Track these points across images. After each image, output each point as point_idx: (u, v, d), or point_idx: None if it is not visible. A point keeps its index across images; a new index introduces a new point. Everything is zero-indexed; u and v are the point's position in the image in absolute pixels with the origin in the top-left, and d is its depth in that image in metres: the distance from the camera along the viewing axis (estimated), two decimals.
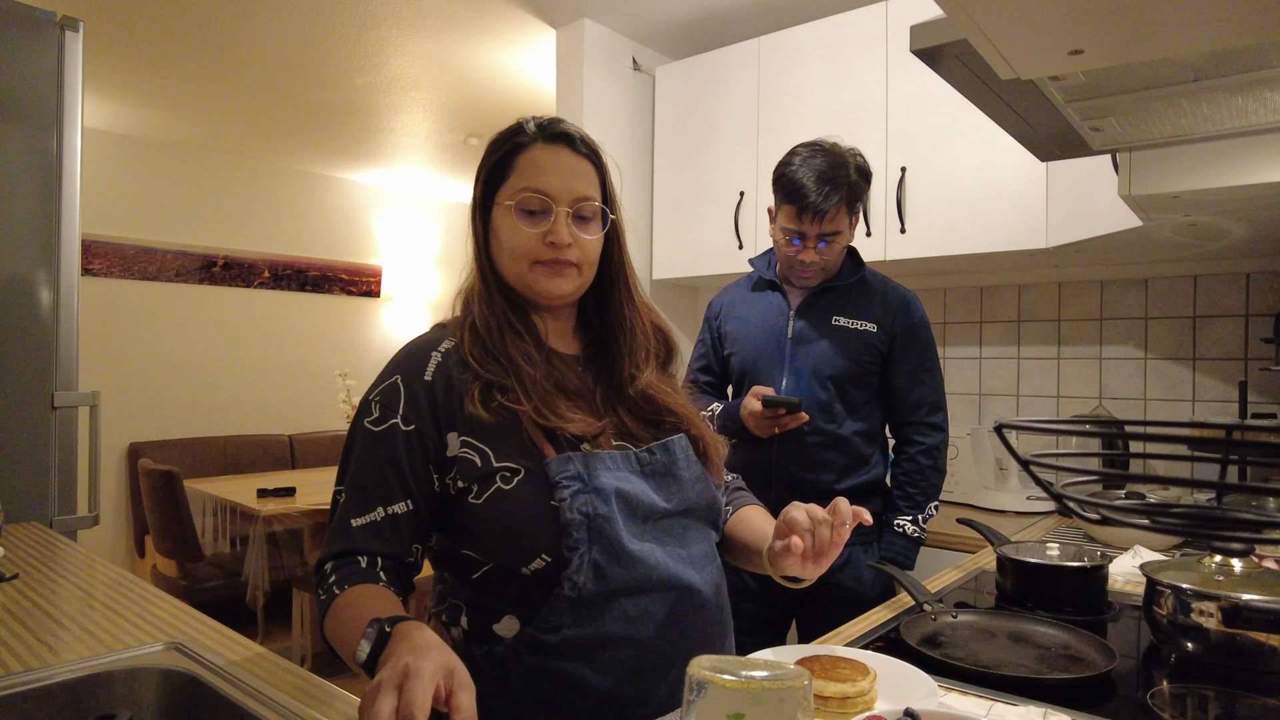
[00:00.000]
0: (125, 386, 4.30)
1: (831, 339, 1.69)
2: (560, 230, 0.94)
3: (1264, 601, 0.94)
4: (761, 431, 1.69)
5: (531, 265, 0.95)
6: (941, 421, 1.73)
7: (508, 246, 0.96)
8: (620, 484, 0.90)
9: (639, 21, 2.82)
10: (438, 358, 0.94)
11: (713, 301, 1.91)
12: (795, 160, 1.65)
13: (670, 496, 0.95)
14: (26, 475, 1.84)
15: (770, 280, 1.79)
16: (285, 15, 2.86)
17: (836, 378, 1.68)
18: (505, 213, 0.96)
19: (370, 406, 0.92)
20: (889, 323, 1.69)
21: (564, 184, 0.95)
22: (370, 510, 0.88)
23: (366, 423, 0.91)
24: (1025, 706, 0.86)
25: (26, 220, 1.86)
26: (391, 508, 0.89)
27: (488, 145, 1.01)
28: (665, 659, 0.89)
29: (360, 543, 0.87)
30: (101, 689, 0.94)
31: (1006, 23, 0.78)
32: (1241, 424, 1.78)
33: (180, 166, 4.53)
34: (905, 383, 1.70)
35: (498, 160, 0.98)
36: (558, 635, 0.86)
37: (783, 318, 1.75)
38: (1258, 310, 2.10)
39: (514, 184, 0.96)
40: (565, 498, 0.87)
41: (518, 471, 0.88)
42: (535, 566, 0.87)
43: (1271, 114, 1.09)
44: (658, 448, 0.97)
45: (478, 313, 0.97)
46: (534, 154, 0.96)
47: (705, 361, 1.89)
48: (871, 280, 1.75)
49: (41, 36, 1.89)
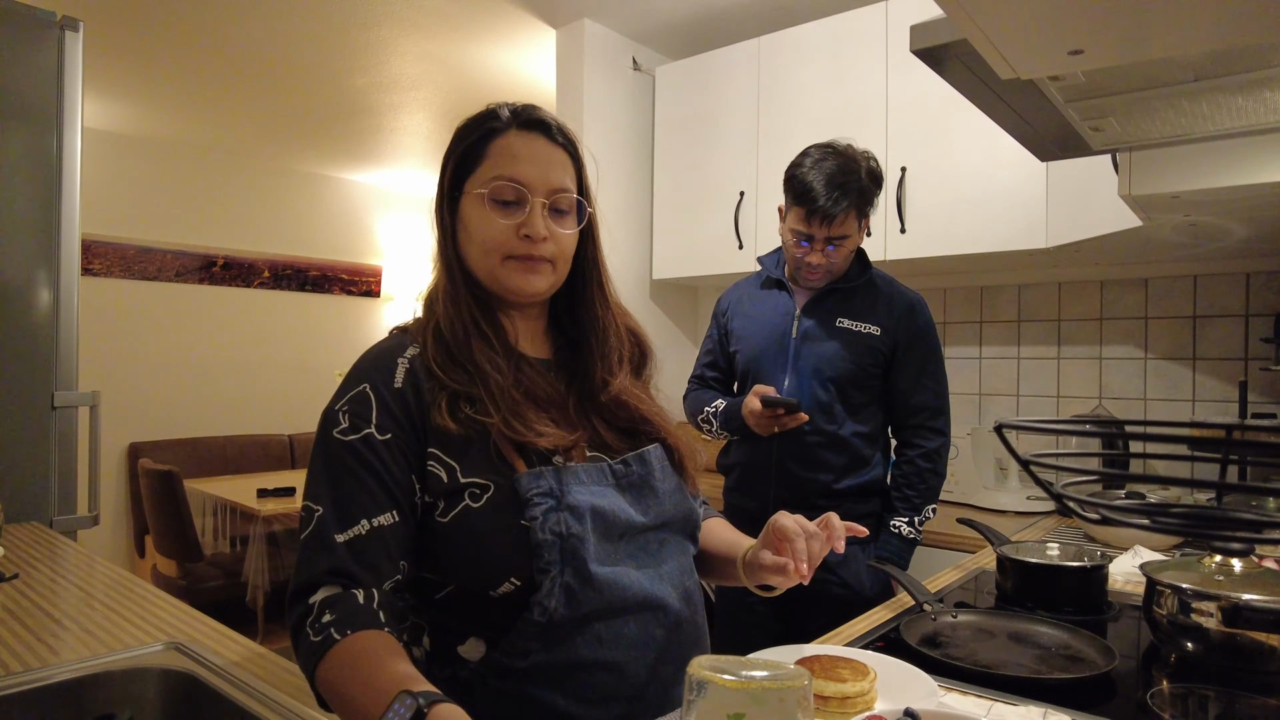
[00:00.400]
0: (125, 386, 4.30)
1: (835, 340, 1.70)
2: (536, 222, 0.88)
3: (1264, 601, 0.94)
4: (762, 430, 1.70)
5: (504, 260, 0.89)
6: (943, 426, 1.72)
7: (478, 239, 0.89)
8: (595, 500, 0.85)
9: (639, 21, 2.82)
10: (405, 364, 0.87)
11: (721, 298, 1.92)
12: (807, 162, 1.65)
13: (647, 510, 0.89)
14: (26, 475, 1.84)
15: (778, 279, 1.79)
16: (285, 15, 2.86)
17: (838, 379, 1.68)
18: (475, 202, 0.89)
19: (338, 416, 0.83)
20: (893, 326, 1.70)
21: (540, 174, 0.89)
22: (353, 524, 0.79)
23: (335, 434, 0.83)
24: (1025, 706, 0.86)
25: (26, 220, 1.86)
26: (376, 519, 0.80)
27: (456, 130, 0.94)
28: (638, 682, 0.84)
29: (345, 560, 0.78)
30: (101, 689, 0.94)
31: (1006, 23, 0.78)
32: (1241, 424, 1.78)
33: (180, 166, 4.53)
34: (908, 386, 1.71)
35: (468, 146, 0.91)
36: (526, 660, 0.81)
37: (788, 317, 1.75)
38: (1258, 310, 2.10)
39: (486, 172, 0.89)
40: (537, 516, 0.81)
41: (487, 488, 0.82)
42: (503, 590, 0.81)
43: (1271, 114, 1.09)
44: (633, 459, 0.91)
45: (443, 314, 0.89)
46: (508, 140, 0.90)
47: (712, 358, 1.90)
48: (878, 282, 1.75)
49: (41, 36, 1.89)
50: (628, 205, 2.91)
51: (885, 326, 1.69)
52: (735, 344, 1.83)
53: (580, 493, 0.84)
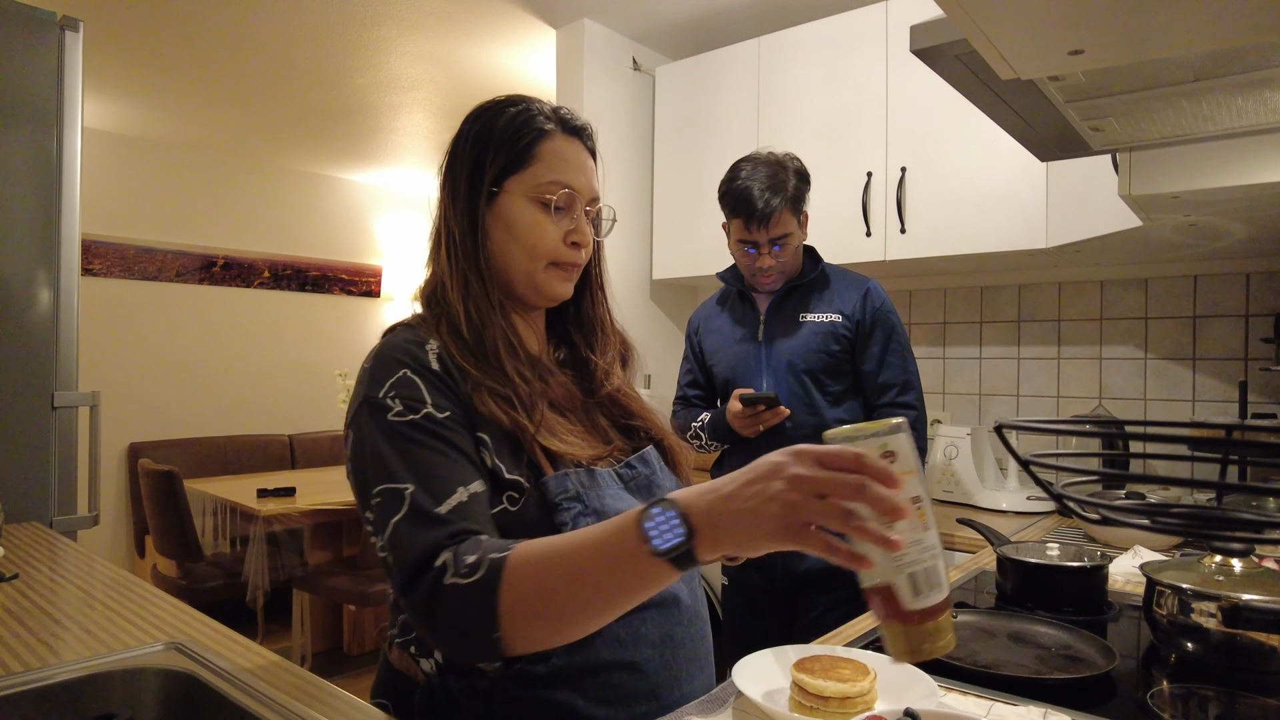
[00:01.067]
0: (125, 386, 4.30)
1: (801, 334, 1.78)
2: (585, 230, 0.89)
3: (1264, 601, 0.94)
4: (747, 431, 1.75)
5: (548, 265, 0.89)
6: (913, 400, 1.77)
7: (527, 242, 0.88)
8: (615, 503, 0.85)
9: (639, 21, 2.82)
10: (434, 352, 0.84)
11: (690, 320, 2.02)
12: (739, 176, 1.74)
13: None
14: (26, 475, 1.84)
15: (739, 290, 1.88)
16: (285, 15, 2.86)
17: (811, 371, 1.76)
18: (524, 204, 0.88)
19: (388, 402, 0.79)
20: (852, 311, 1.77)
21: (586, 181, 0.90)
22: (450, 493, 0.75)
23: (392, 418, 0.78)
24: (1025, 706, 0.86)
25: (26, 220, 1.86)
26: (470, 487, 0.77)
27: (490, 125, 0.90)
28: (657, 679, 0.85)
29: (456, 524, 0.73)
30: (101, 689, 0.94)
31: (1006, 23, 0.78)
32: (1241, 424, 1.78)
33: (180, 166, 4.53)
34: (874, 366, 1.77)
35: (521, 147, 0.88)
36: (547, 665, 0.80)
37: (754, 324, 1.84)
38: (1258, 310, 2.10)
39: (539, 174, 0.88)
40: (566, 521, 0.81)
41: (523, 491, 0.82)
42: None
43: (1271, 114, 1.09)
44: (636, 461, 0.92)
45: (463, 317, 0.86)
46: (557, 145, 0.89)
47: (692, 376, 1.99)
48: (831, 275, 1.85)
49: (41, 36, 1.89)
50: (628, 205, 2.91)
51: (845, 313, 1.77)
52: (710, 359, 1.91)
53: (603, 497, 0.85)
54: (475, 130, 0.91)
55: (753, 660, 0.92)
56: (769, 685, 0.88)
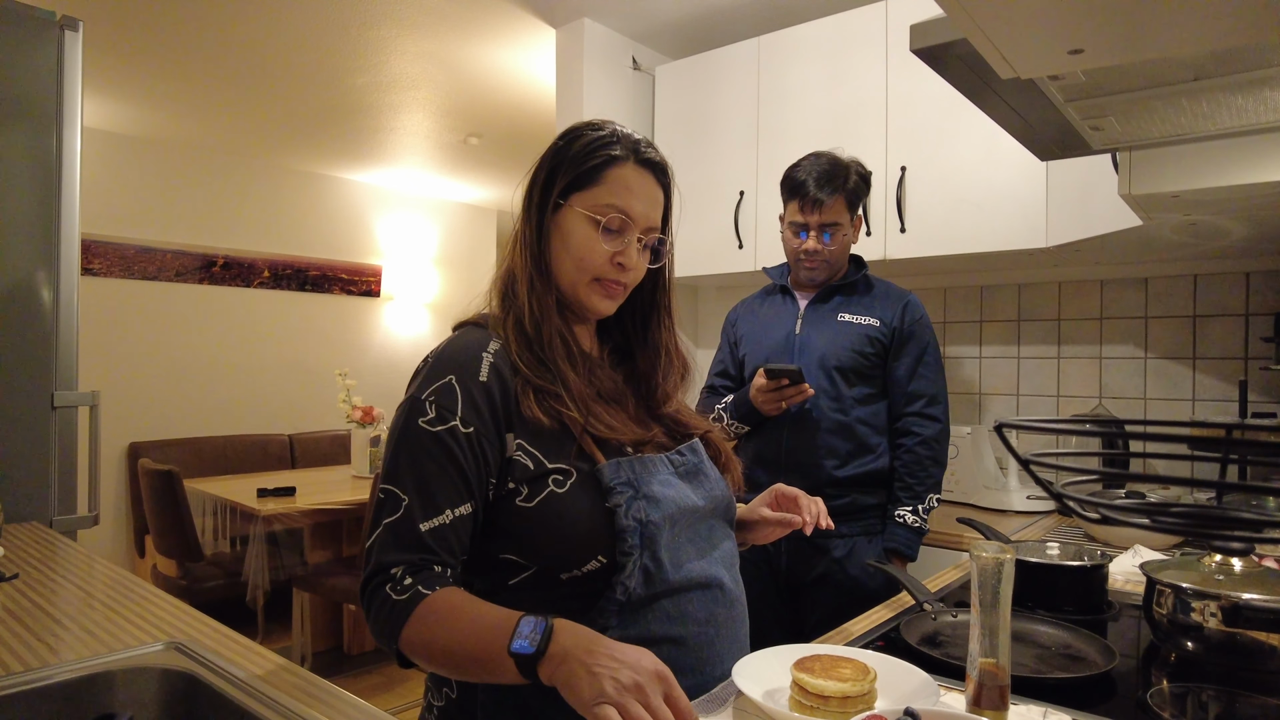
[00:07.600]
0: (125, 386, 4.30)
1: (837, 331, 1.80)
2: (632, 255, 0.96)
3: (1264, 601, 0.94)
4: (770, 408, 1.76)
5: (591, 280, 0.97)
6: (939, 414, 1.79)
7: (576, 255, 0.96)
8: (665, 490, 0.93)
9: (639, 21, 2.82)
10: (489, 359, 0.92)
11: (730, 312, 2.04)
12: (802, 164, 1.80)
13: (705, 495, 0.99)
14: (26, 475, 1.84)
15: (783, 286, 1.92)
16: (285, 15, 2.86)
17: (842, 368, 1.78)
18: (582, 221, 0.96)
19: (425, 406, 0.88)
20: (891, 319, 1.80)
21: (644, 211, 0.97)
22: (438, 513, 0.86)
23: (422, 423, 0.88)
24: (1025, 706, 0.86)
25: (26, 220, 1.86)
26: (458, 510, 0.87)
27: (571, 143, 0.99)
28: (700, 655, 0.92)
29: (429, 545, 0.85)
30: (101, 689, 0.94)
31: (1006, 22, 0.78)
32: (1242, 423, 1.78)
33: (180, 166, 4.53)
34: (905, 374, 1.79)
35: (589, 167, 0.97)
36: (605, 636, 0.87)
37: (792, 316, 1.87)
38: (1258, 310, 2.10)
39: (599, 196, 0.96)
40: (620, 504, 0.88)
41: (570, 474, 0.89)
42: (590, 568, 0.88)
43: (1271, 114, 1.09)
44: (686, 449, 1.01)
45: (527, 311, 0.96)
46: (625, 173, 0.97)
47: (723, 367, 2.00)
48: (874, 281, 1.88)
49: (41, 36, 1.89)
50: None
51: (884, 319, 1.80)
52: (744, 348, 1.93)
53: (654, 483, 0.92)
54: (559, 146, 1.00)
55: (753, 660, 0.92)
56: (769, 685, 0.88)
